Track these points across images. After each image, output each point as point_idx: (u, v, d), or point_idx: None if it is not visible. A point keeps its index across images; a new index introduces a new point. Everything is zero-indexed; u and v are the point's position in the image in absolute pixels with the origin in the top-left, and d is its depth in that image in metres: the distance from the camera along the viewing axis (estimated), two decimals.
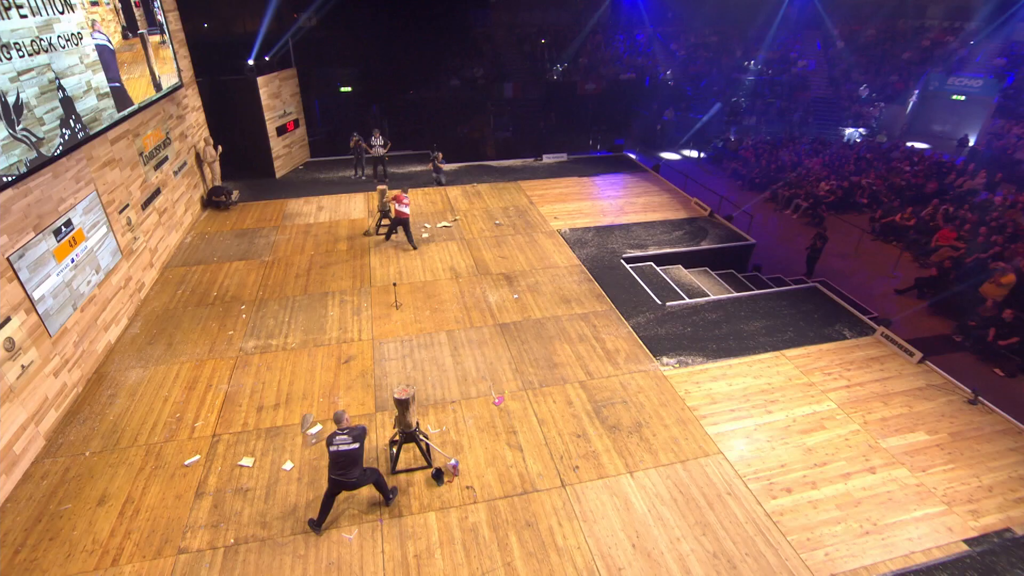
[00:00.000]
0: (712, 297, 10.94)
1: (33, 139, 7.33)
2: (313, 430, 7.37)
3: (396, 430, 6.68)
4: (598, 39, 27.43)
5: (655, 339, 9.38)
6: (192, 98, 13.78)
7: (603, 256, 12.02)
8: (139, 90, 10.63)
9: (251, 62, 14.50)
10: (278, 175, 16.20)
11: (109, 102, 9.43)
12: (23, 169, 7.10)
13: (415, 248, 11.94)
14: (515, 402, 7.95)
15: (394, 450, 6.86)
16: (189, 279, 10.87)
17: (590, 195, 15.40)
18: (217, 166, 14.27)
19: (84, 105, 8.65)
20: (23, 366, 6.75)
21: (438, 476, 6.69)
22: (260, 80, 14.71)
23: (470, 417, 7.67)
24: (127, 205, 9.86)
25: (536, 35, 25.90)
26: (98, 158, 9.05)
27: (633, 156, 19.00)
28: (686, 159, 23.04)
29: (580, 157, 18.91)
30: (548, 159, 18.46)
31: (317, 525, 5.95)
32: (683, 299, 10.73)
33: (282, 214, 13.88)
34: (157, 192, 11.21)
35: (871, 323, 9.88)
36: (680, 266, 12.45)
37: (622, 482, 6.74)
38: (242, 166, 15.86)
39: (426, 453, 6.81)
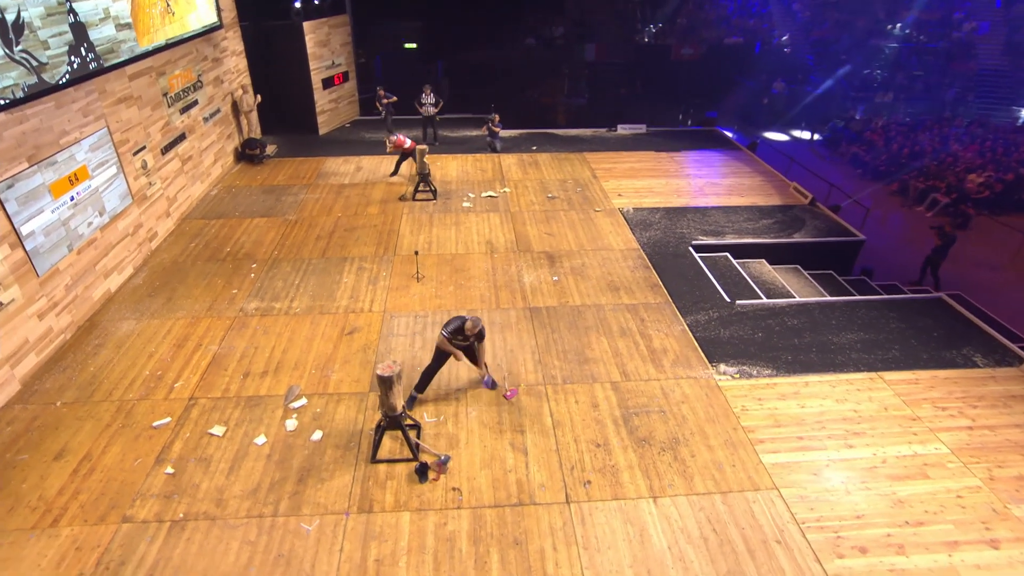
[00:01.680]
0: (796, 299, 9.85)
1: (34, 63, 7.57)
2: (297, 403, 7.21)
3: (380, 413, 6.35)
4: None
5: (714, 342, 8.52)
6: (233, 41, 14.14)
7: (668, 241, 11.20)
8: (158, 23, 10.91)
9: (298, 5, 14.68)
10: (321, 132, 16.43)
11: (130, 34, 9.71)
12: (19, 94, 7.33)
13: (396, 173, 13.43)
14: (530, 397, 7.43)
15: (378, 436, 6.54)
16: (205, 232, 11.13)
17: (666, 172, 14.53)
18: (254, 116, 14.61)
19: (99, 34, 8.91)
20: (1, 302, 6.99)
21: (422, 472, 6.30)
22: (306, 25, 14.89)
23: (474, 409, 7.23)
24: (143, 147, 10.17)
25: None
26: (112, 92, 9.34)
27: (730, 135, 17.76)
28: (795, 141, 21.34)
29: (662, 130, 17.97)
30: (623, 130, 17.68)
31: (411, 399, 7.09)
32: (760, 298, 9.74)
33: (317, 172, 14.03)
34: (182, 137, 11.54)
35: (1019, 351, 8.46)
36: (764, 261, 11.39)
37: (641, 508, 6.04)
38: (283, 119, 16.19)
39: (412, 444, 6.44)
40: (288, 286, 9.57)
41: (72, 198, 8.39)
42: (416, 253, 9.93)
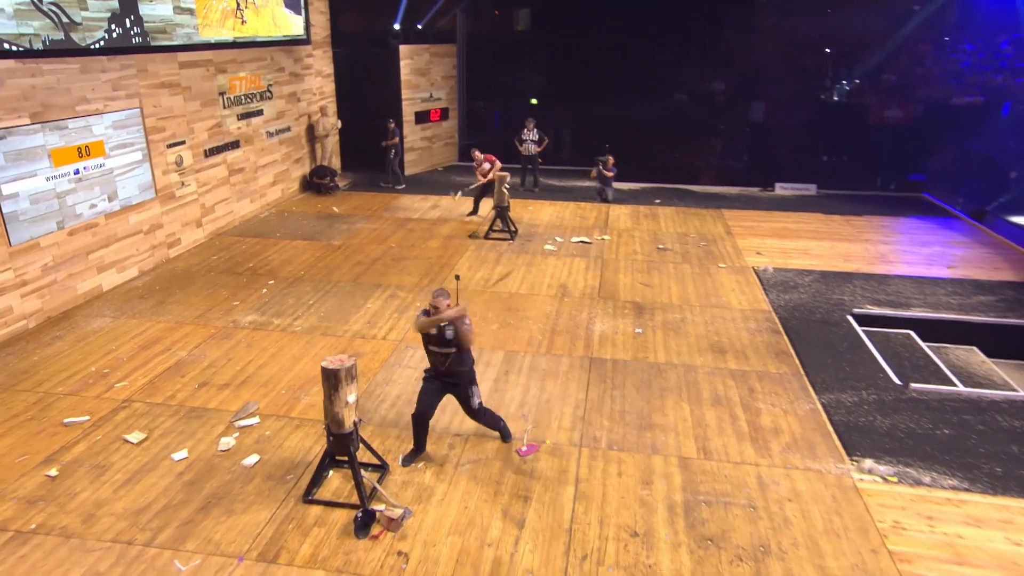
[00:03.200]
0: (1021, 393, 7.82)
1: (63, 19, 8.39)
2: (245, 421, 6.69)
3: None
4: (924, 49, 24.84)
5: (862, 430, 6.85)
6: (320, 61, 15.33)
7: (816, 306, 9.73)
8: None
9: (397, 27, 15.73)
10: (408, 172, 16.96)
11: (190, 20, 10.69)
12: (37, 45, 8.09)
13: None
14: (553, 457, 6.25)
15: (320, 466, 5.72)
16: (234, 248, 11.48)
17: (834, 235, 13.12)
18: (331, 143, 15.43)
19: (152, 11, 9.87)
20: None
21: (364, 523, 5.30)
22: (403, 49, 15.82)
23: (469, 460, 6.20)
24: (181, 142, 10.86)
25: (818, 43, 24.50)
26: (155, 74, 10.16)
27: (965, 217, 15.94)
28: None
29: (841, 193, 16.83)
30: (783, 190, 16.72)
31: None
32: (953, 386, 7.90)
33: (386, 206, 14.30)
34: (234, 145, 12.29)
35: None
36: (975, 349, 9.46)
37: None
38: (367, 153, 16.88)
39: (361, 483, 5.49)
40: (299, 304, 9.38)
41: (77, 171, 8.94)
42: (457, 278, 9.31)
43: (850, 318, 9.46)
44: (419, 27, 16.53)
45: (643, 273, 10.81)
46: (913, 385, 7.77)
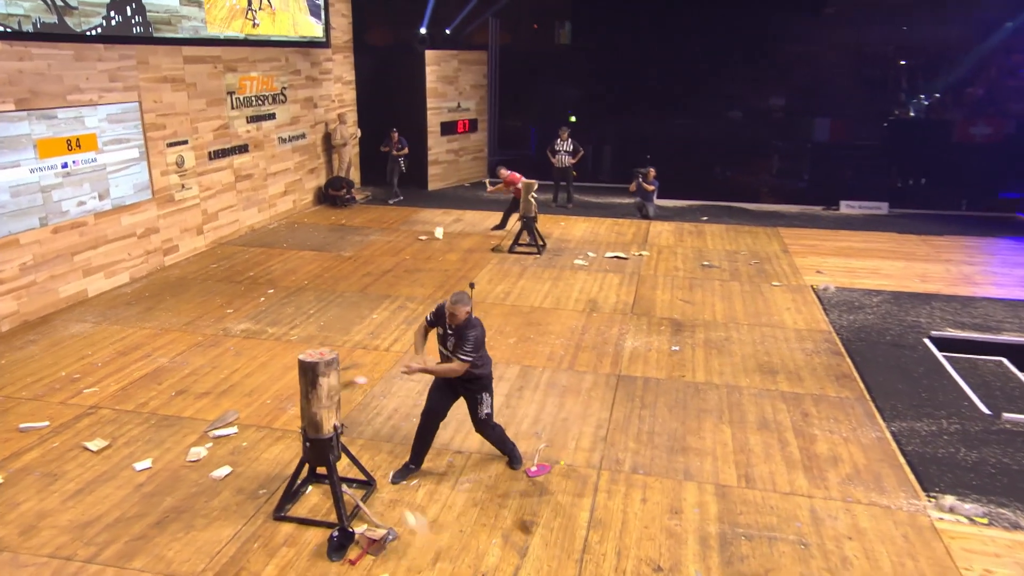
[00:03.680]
0: None
1: (57, 1, 8.46)
2: (221, 431, 6.43)
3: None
4: (1017, 60, 24.39)
5: (941, 463, 6.29)
6: (341, 66, 15.42)
7: (886, 328, 9.21)
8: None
9: (424, 30, 15.75)
10: (431, 187, 16.84)
11: (197, 12, 10.77)
12: (27, 27, 8.15)
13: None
14: (568, 480, 5.82)
15: (294, 478, 5.36)
16: (236, 257, 11.43)
17: (909, 255, 12.62)
18: (348, 152, 15.40)
19: (156, 0, 9.94)
20: None
21: (340, 544, 4.91)
22: (429, 54, 15.82)
23: (470, 480, 5.80)
24: (183, 141, 10.85)
25: (891, 56, 24.20)
26: (156, 67, 10.21)
27: None
28: None
29: (916, 213, 16.37)
30: (849, 208, 16.36)
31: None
32: None
33: (404, 219, 14.16)
34: (242, 148, 12.28)
35: None
36: None
37: None
38: (386, 166, 16.86)
39: (340, 499, 5.11)
40: (298, 314, 9.23)
41: (65, 165, 8.92)
42: (471, 286, 8.99)
43: (927, 341, 8.92)
44: (447, 32, 16.58)
45: (684, 290, 10.40)
46: (1006, 415, 7.19)
